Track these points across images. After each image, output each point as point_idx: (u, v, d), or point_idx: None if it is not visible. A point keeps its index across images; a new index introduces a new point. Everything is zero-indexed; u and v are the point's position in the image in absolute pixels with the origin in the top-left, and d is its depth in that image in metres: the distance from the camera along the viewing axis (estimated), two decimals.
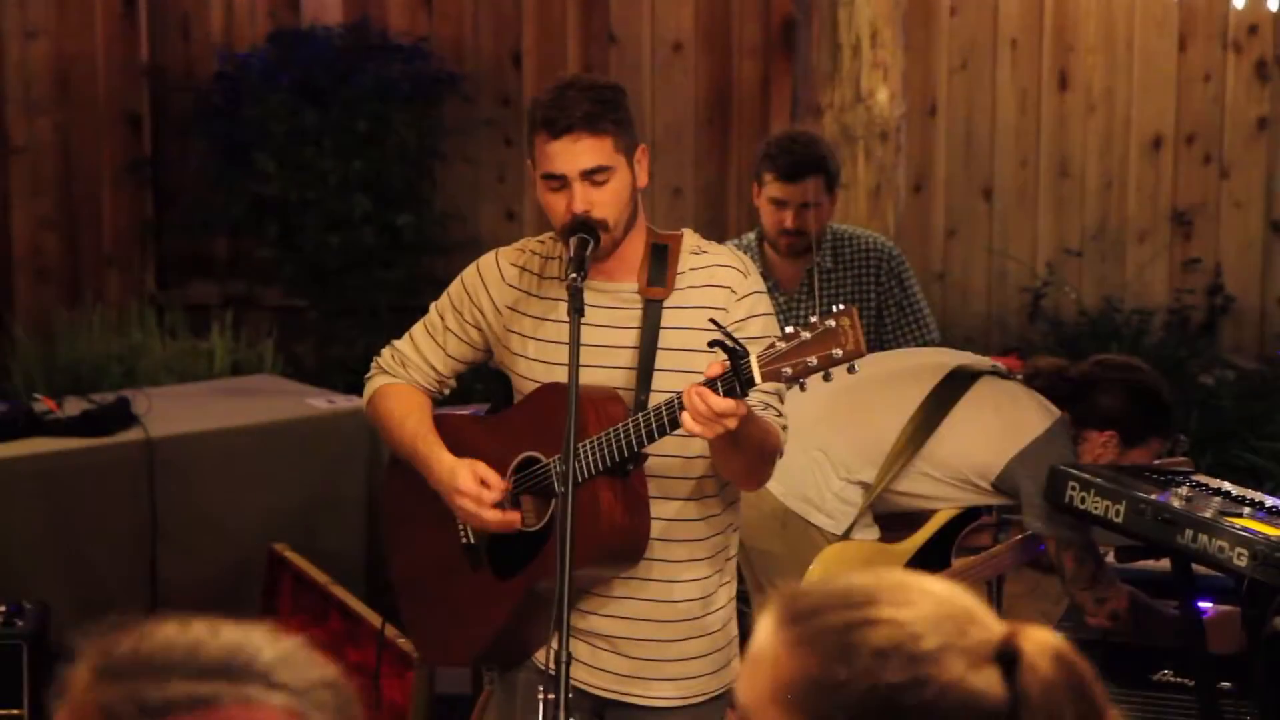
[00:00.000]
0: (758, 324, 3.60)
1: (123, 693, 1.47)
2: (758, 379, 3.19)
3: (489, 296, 3.84)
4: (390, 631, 5.02)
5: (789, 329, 3.22)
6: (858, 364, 3.19)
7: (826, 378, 3.19)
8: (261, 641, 1.51)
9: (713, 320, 3.28)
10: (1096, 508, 4.38)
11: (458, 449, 3.78)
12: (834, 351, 3.13)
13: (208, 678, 1.48)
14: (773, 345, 3.20)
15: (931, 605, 1.64)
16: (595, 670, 3.73)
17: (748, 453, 3.47)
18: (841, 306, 3.19)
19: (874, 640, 1.60)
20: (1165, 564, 4.61)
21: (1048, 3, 8.92)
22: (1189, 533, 4.18)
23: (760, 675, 1.65)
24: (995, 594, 5.10)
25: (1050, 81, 8.97)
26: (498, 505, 3.66)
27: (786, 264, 5.49)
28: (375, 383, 3.98)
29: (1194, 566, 4.43)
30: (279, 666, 1.50)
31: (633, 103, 3.75)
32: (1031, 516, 4.58)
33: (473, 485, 3.65)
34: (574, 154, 3.57)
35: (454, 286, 3.91)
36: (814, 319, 3.17)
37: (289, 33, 9.20)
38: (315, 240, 8.83)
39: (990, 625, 1.66)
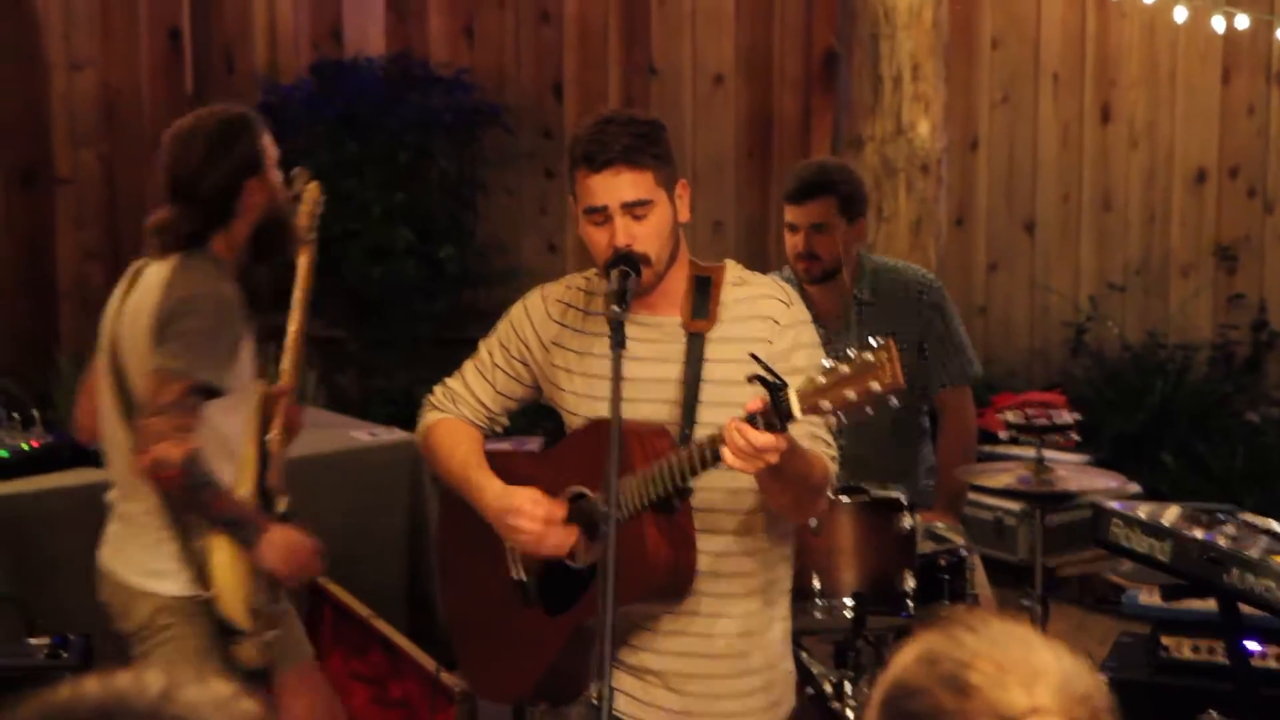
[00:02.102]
0: (803, 354, 3.58)
1: None
2: (796, 413, 3.18)
3: (535, 333, 3.84)
4: (429, 663, 5.03)
5: (828, 362, 3.21)
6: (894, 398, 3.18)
7: (866, 411, 3.18)
8: (167, 681, 1.50)
9: (752, 354, 3.27)
10: (1141, 546, 4.35)
11: (507, 483, 3.79)
12: (872, 384, 3.12)
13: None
14: (812, 379, 3.18)
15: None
16: (647, 706, 3.72)
17: (793, 486, 3.45)
18: (879, 340, 3.17)
19: None
20: (1212, 604, 4.58)
21: (1090, 36, 8.90)
22: (1235, 572, 4.14)
23: None
24: (1041, 633, 5.06)
25: (1092, 114, 8.95)
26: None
27: (826, 297, 5.45)
28: (428, 419, 3.99)
29: (1241, 607, 4.39)
30: (189, 702, 1.48)
31: (673, 135, 3.75)
32: None
33: (529, 503, 3.65)
34: (615, 187, 3.57)
35: (502, 324, 3.92)
36: (852, 352, 3.16)
37: (332, 64, 9.24)
38: (357, 272, 8.85)
39: None
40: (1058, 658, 1.68)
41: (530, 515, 3.65)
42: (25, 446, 5.61)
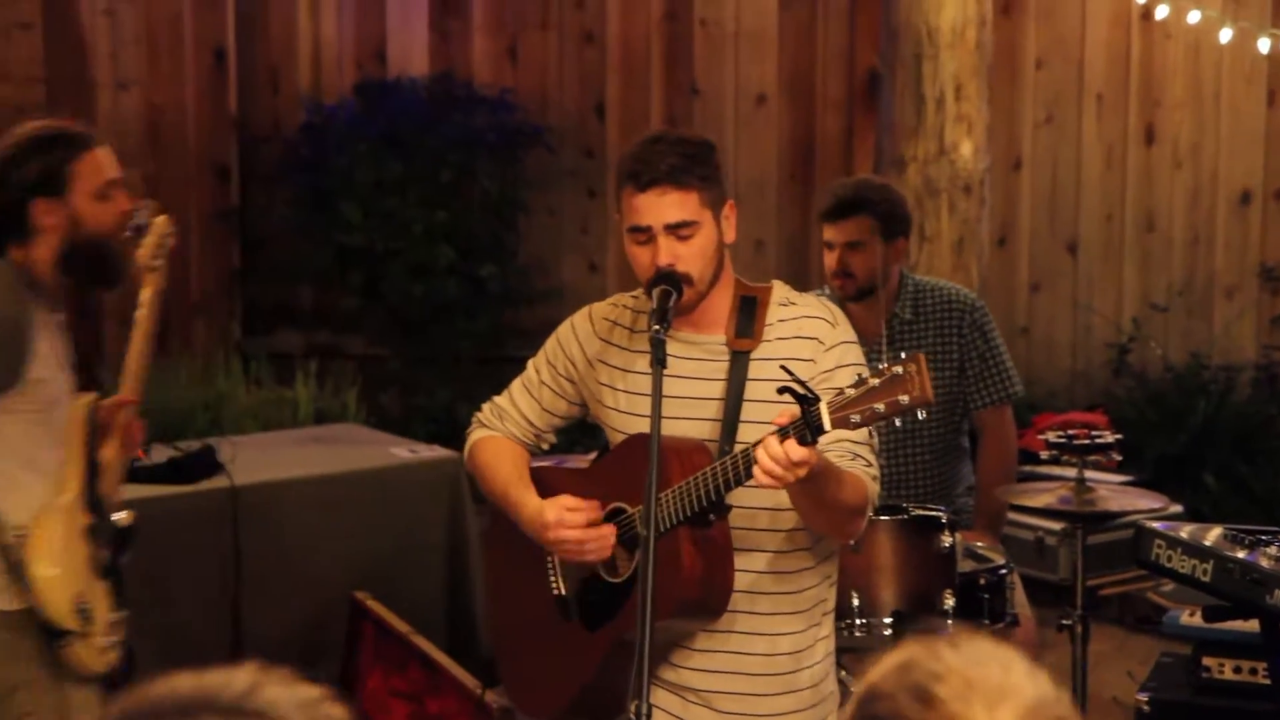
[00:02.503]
0: (846, 374, 3.57)
1: None
2: (827, 426, 3.18)
3: (581, 350, 3.85)
4: (471, 681, 5.03)
5: (858, 376, 3.21)
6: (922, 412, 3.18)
7: (895, 424, 3.18)
8: (254, 678, 1.52)
9: (783, 367, 3.26)
10: (1183, 567, 4.33)
11: (549, 498, 3.80)
12: (901, 398, 3.12)
13: (199, 712, 1.49)
14: (842, 392, 3.18)
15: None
16: None
17: (828, 504, 3.44)
18: (907, 354, 3.18)
19: None
20: (1254, 625, 4.55)
21: (1134, 57, 8.88)
22: (1278, 593, 4.13)
23: None
24: (1082, 652, 5.05)
25: (1137, 135, 8.93)
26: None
27: (866, 315, 5.43)
28: (474, 436, 4.01)
29: None
30: (271, 699, 1.51)
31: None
32: None
33: (560, 511, 3.66)
34: (659, 207, 3.58)
35: (549, 341, 3.93)
36: (882, 366, 3.17)
37: (375, 84, 9.28)
38: (399, 290, 8.89)
39: None
40: (1034, 683, 1.65)
41: (569, 523, 3.66)
42: None
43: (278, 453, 6.33)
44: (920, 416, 3.17)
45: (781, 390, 3.20)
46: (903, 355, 3.17)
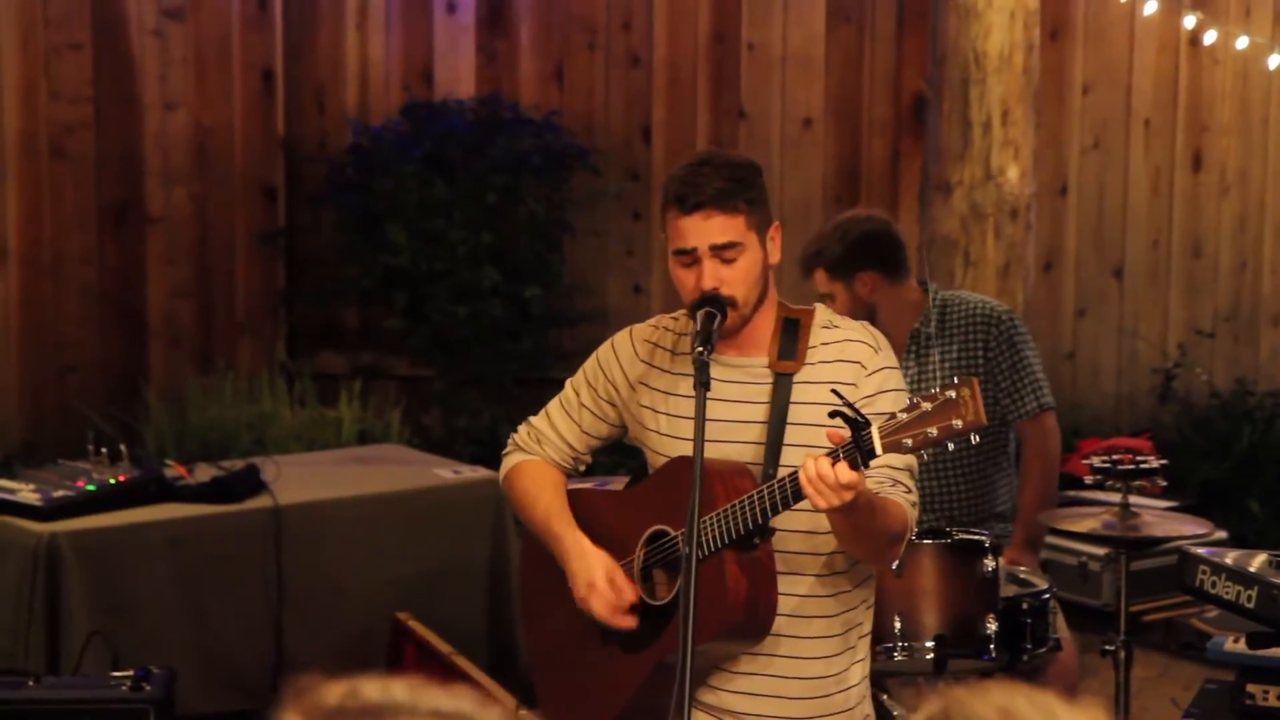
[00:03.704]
0: (888, 399, 3.57)
1: None
2: (879, 450, 3.18)
3: (622, 372, 3.85)
4: (510, 701, 5.03)
5: (910, 400, 3.21)
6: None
7: (947, 448, 3.17)
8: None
9: (834, 391, 3.27)
10: (1228, 593, 4.31)
11: (590, 523, 3.81)
12: (954, 422, 3.11)
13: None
14: (894, 417, 3.18)
15: None
16: None
17: (868, 529, 3.44)
18: (960, 378, 3.17)
19: None
20: None
21: (1182, 82, 8.86)
22: None
23: None
24: (1124, 678, 5.03)
25: (1184, 162, 8.90)
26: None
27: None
28: (511, 460, 4.01)
29: None
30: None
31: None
32: None
33: (606, 587, 3.68)
34: (705, 230, 3.58)
35: (589, 363, 3.93)
36: (935, 390, 3.16)
37: (422, 105, 9.31)
38: (443, 311, 8.90)
39: None
40: None
41: (603, 596, 3.68)
42: (112, 481, 5.66)
43: (321, 473, 6.35)
44: (974, 440, 3.17)
45: (833, 414, 3.20)
46: (955, 379, 3.17)
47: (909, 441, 3.15)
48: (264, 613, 5.65)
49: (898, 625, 4.70)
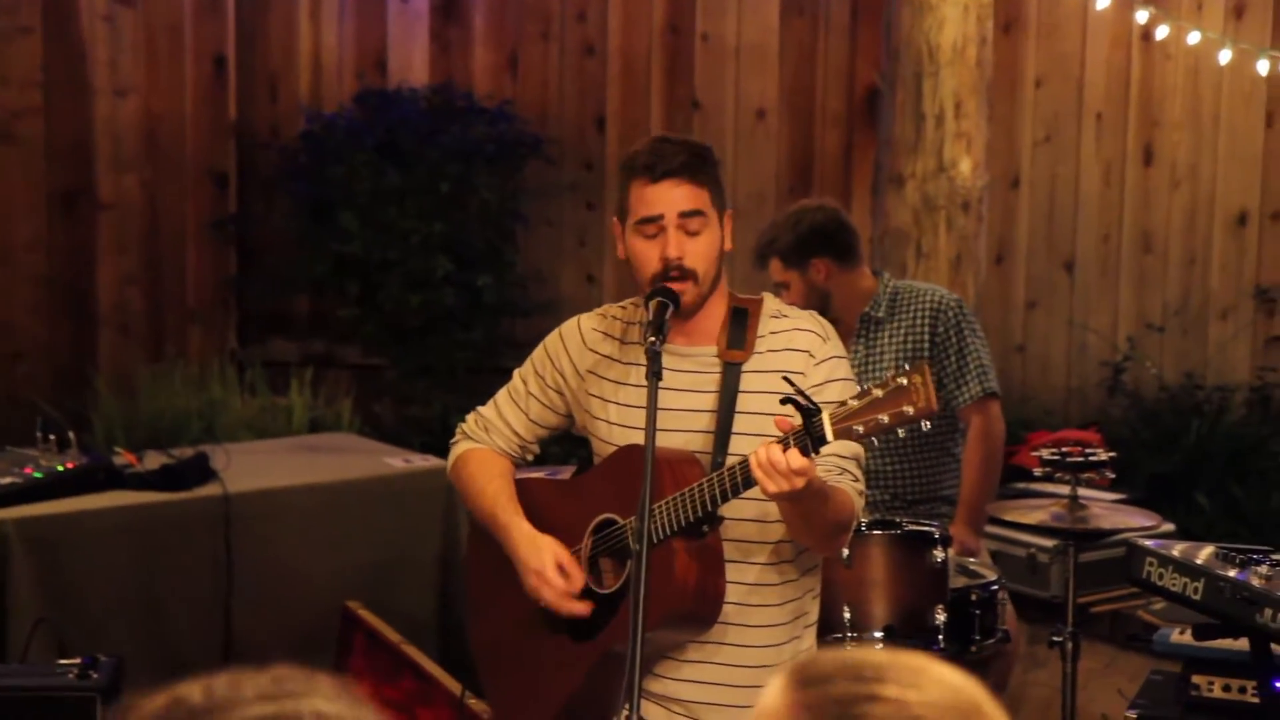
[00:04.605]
0: (836, 388, 3.58)
1: None
2: (829, 437, 3.18)
3: (570, 361, 3.85)
4: (458, 689, 5.02)
5: (862, 387, 3.22)
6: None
7: (898, 434, 3.18)
8: (297, 674, 1.53)
9: (786, 378, 3.27)
10: (1175, 585, 4.33)
11: (538, 512, 3.80)
12: (905, 409, 3.12)
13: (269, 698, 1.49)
14: (845, 404, 3.19)
15: (940, 693, 1.62)
16: None
17: (817, 516, 3.45)
18: (912, 365, 3.18)
19: (873, 716, 1.59)
20: (1243, 643, 4.55)
21: (1134, 77, 8.90)
22: (1268, 612, 4.13)
23: None
24: (1072, 669, 5.05)
25: (1135, 155, 8.94)
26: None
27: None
28: (459, 448, 4.00)
29: (1273, 646, 4.37)
30: (319, 695, 1.51)
31: None
32: None
33: (555, 574, 3.68)
34: (672, 197, 3.60)
35: (537, 352, 3.93)
36: (886, 376, 3.17)
37: (375, 93, 9.29)
38: (395, 300, 8.89)
39: None
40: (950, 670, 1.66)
41: (552, 583, 3.68)
42: (60, 468, 5.63)
43: (271, 461, 6.32)
44: (925, 427, 3.17)
45: (784, 401, 3.20)
46: (906, 366, 3.18)
47: (860, 428, 3.16)
48: (213, 601, 5.62)
49: (847, 616, 4.72)
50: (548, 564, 3.69)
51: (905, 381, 3.12)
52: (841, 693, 1.62)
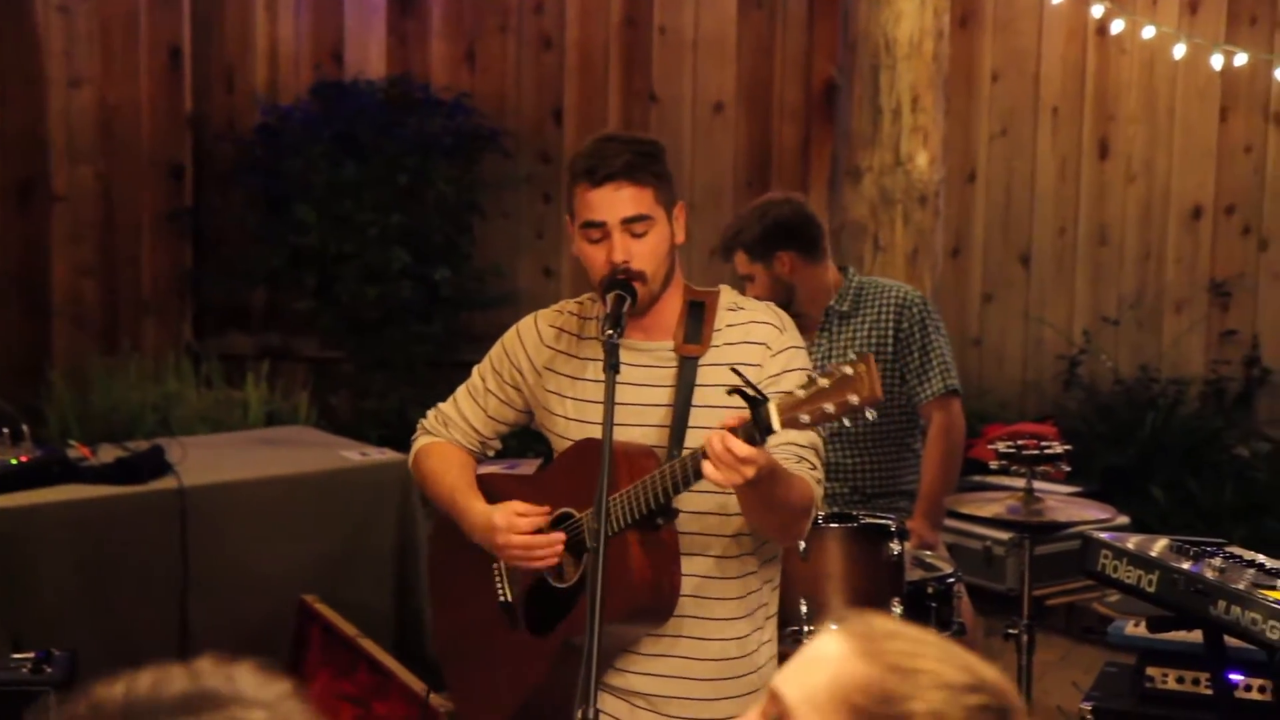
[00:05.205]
0: (792, 379, 3.57)
1: None
2: (776, 426, 3.17)
3: (527, 357, 3.84)
4: (418, 685, 5.02)
5: (808, 376, 3.21)
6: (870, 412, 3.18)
7: (845, 423, 3.18)
8: (225, 670, 1.53)
9: (733, 368, 3.26)
10: (1129, 577, 4.34)
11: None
12: (850, 398, 3.11)
13: (190, 709, 1.49)
14: (791, 393, 3.18)
15: (994, 673, 1.76)
16: None
17: (775, 505, 3.44)
18: (857, 354, 3.18)
19: (936, 671, 1.72)
20: (1197, 635, 4.57)
21: (1089, 71, 8.93)
22: (1222, 604, 4.14)
23: (816, 675, 1.75)
24: (1027, 662, 5.07)
25: (1091, 150, 8.97)
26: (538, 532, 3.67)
27: (801, 324, 5.61)
28: (420, 443, 4.00)
29: (1226, 639, 4.39)
30: (247, 686, 1.51)
31: (672, 162, 3.75)
32: None
33: (509, 517, 3.65)
34: (615, 202, 3.57)
35: (495, 349, 3.92)
36: (830, 365, 3.17)
37: (332, 85, 9.26)
38: (352, 293, 8.87)
39: None
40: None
41: (519, 528, 3.65)
42: (14, 461, 5.60)
43: (227, 454, 6.30)
44: (870, 417, 3.17)
45: (731, 391, 3.19)
46: (853, 355, 3.17)
47: (806, 417, 3.15)
48: (168, 594, 5.60)
49: (804, 608, 4.72)
50: (505, 518, 3.67)
51: (850, 371, 3.12)
52: (905, 646, 1.74)
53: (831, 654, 1.74)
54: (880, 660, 1.71)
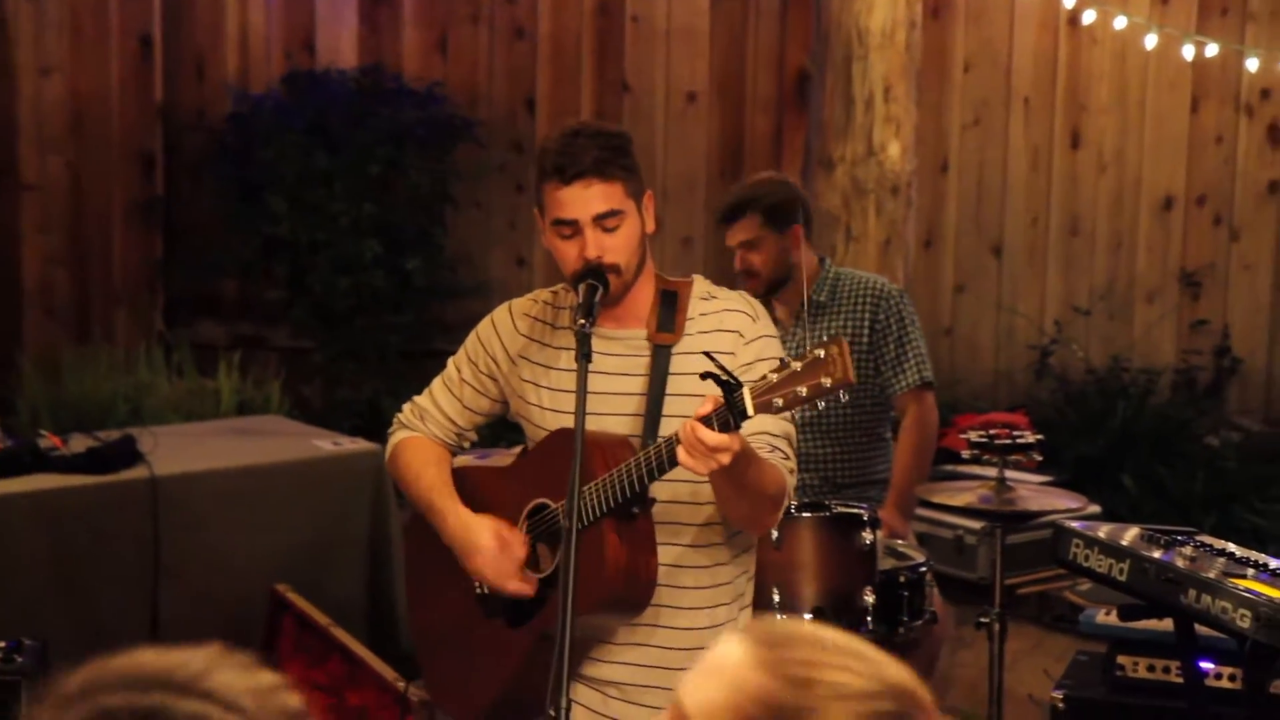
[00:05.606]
0: (765, 367, 3.58)
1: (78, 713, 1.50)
2: (750, 411, 3.17)
3: (502, 347, 3.84)
4: (391, 674, 5.01)
5: (781, 360, 3.21)
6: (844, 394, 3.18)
7: (818, 406, 3.18)
8: (211, 661, 1.52)
9: (707, 354, 3.26)
10: (1100, 566, 4.35)
11: (474, 499, 3.80)
12: (823, 380, 3.11)
13: (151, 688, 1.49)
14: (764, 378, 3.18)
15: (897, 674, 1.72)
16: (606, 719, 3.71)
17: (749, 494, 3.44)
18: (830, 337, 3.18)
19: (835, 681, 1.67)
20: (1168, 624, 4.59)
21: (1061, 62, 8.94)
22: (1192, 593, 4.15)
23: (714, 686, 1.72)
24: (999, 650, 5.08)
25: (1062, 140, 8.99)
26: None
27: (785, 308, 5.60)
28: (396, 437, 3.99)
29: (1196, 627, 4.41)
30: (224, 683, 1.51)
31: (645, 152, 3.76)
32: None
33: (495, 551, 3.67)
34: (585, 199, 3.57)
35: (470, 339, 3.92)
36: (805, 350, 3.17)
37: (303, 75, 9.24)
38: (324, 282, 8.85)
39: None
40: None
41: (492, 558, 3.67)
42: None
43: (199, 444, 6.29)
44: (843, 399, 3.17)
45: (704, 376, 3.20)
46: (825, 338, 3.18)
47: (779, 401, 3.15)
48: (140, 585, 5.59)
49: (776, 597, 4.73)
50: (486, 541, 3.68)
51: (823, 354, 3.12)
52: (805, 656, 1.69)
53: (730, 664, 1.72)
54: (777, 671, 1.68)
